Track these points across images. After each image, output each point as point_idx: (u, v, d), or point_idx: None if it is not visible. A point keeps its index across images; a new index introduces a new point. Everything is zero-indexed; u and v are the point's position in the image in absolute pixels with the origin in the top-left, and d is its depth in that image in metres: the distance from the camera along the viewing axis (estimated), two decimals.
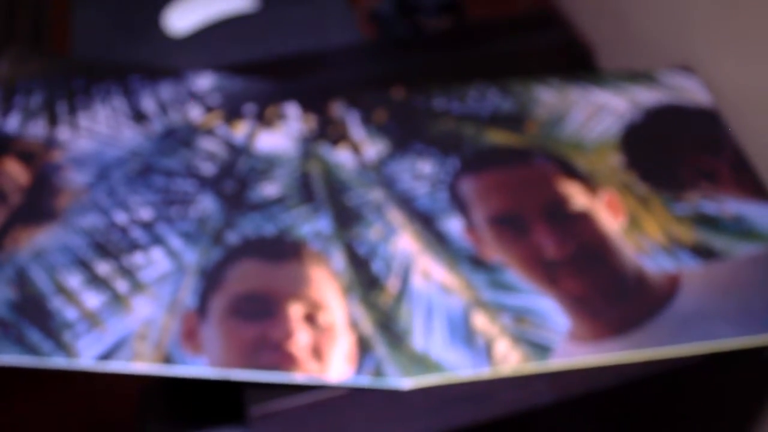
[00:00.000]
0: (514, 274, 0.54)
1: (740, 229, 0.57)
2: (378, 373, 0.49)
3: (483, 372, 0.49)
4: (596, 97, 0.66)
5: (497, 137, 0.63)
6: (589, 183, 0.59)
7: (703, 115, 0.64)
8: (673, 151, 0.62)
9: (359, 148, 0.62)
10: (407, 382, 0.49)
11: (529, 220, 0.57)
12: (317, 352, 0.50)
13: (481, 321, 0.52)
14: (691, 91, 0.66)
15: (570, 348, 0.50)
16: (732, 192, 0.59)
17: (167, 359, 0.48)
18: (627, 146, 0.62)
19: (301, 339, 0.50)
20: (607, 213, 0.57)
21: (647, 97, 0.66)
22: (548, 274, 0.54)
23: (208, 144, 0.62)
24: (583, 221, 0.57)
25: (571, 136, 0.63)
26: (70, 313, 0.51)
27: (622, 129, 0.64)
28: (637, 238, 0.56)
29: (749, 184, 0.59)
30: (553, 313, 0.52)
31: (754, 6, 0.59)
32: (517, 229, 0.56)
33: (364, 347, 0.50)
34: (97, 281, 0.53)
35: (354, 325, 0.51)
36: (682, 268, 0.54)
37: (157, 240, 0.55)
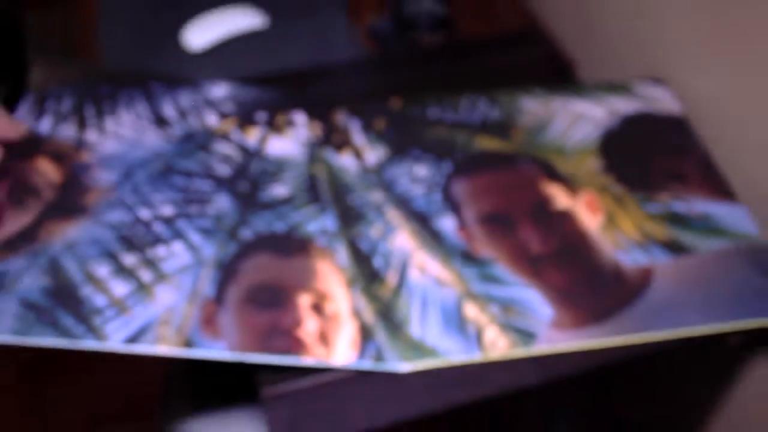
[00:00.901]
0: (502, 268, 0.54)
1: (707, 226, 0.57)
2: (379, 357, 0.49)
3: (474, 357, 0.49)
4: (576, 107, 0.66)
5: (486, 143, 0.63)
6: (570, 185, 0.59)
7: (673, 123, 0.64)
8: (647, 155, 0.62)
9: (361, 154, 0.62)
10: (405, 366, 0.49)
11: (516, 219, 0.57)
12: (324, 338, 0.49)
13: (472, 311, 0.52)
14: (663, 101, 0.66)
15: (553, 335, 0.50)
16: (700, 193, 0.59)
17: (188, 343, 0.48)
18: (604, 151, 0.62)
19: (309, 326, 0.50)
20: (587, 212, 0.57)
21: (623, 106, 0.66)
22: (533, 267, 0.54)
23: (223, 148, 0.62)
24: (565, 219, 0.57)
25: (554, 142, 0.63)
26: (99, 300, 0.50)
27: (600, 136, 0.63)
28: (613, 234, 0.56)
29: (715, 186, 0.59)
30: (537, 303, 0.52)
31: (720, 26, 0.60)
32: (505, 227, 0.56)
33: (366, 334, 0.50)
34: (123, 271, 0.52)
35: (357, 314, 0.51)
36: (654, 262, 0.54)
37: (178, 235, 0.55)
